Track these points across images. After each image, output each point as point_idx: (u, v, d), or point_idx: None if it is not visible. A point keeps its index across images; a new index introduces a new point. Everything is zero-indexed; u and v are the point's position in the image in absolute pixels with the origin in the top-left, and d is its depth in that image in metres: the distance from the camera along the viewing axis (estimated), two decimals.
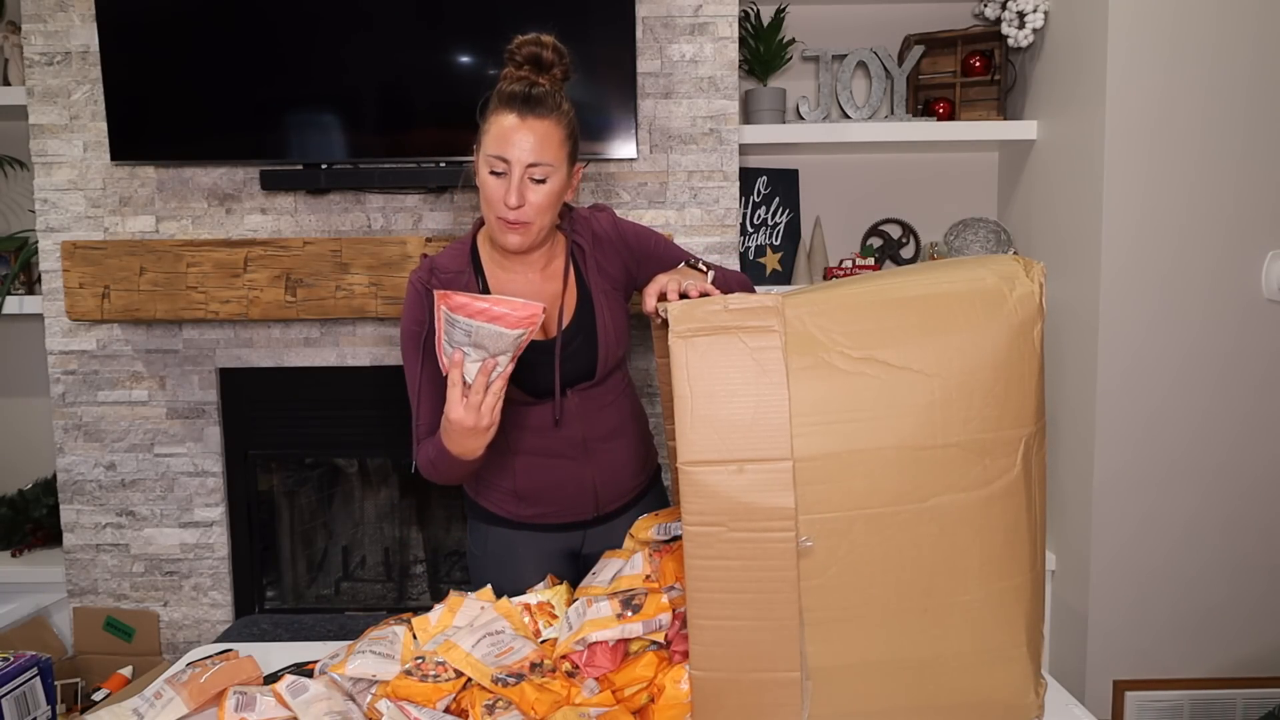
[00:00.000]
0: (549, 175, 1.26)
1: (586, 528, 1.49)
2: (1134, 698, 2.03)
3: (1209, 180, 1.90)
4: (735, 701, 0.97)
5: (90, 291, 1.97)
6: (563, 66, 1.30)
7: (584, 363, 1.39)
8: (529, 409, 1.39)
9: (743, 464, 0.92)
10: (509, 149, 1.24)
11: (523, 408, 1.39)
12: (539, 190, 1.26)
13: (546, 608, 1.23)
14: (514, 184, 1.24)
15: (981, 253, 2.30)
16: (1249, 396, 1.96)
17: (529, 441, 1.42)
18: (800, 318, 0.96)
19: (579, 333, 1.37)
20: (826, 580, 0.94)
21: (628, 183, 2.12)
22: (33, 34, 2.06)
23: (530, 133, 1.24)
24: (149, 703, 1.11)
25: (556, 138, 1.26)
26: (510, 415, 1.40)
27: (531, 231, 1.29)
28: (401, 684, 1.06)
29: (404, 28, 2.00)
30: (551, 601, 1.24)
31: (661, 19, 2.08)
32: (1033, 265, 1.00)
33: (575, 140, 1.31)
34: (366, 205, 2.13)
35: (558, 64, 1.29)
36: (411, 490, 2.43)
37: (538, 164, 1.24)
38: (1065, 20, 2.08)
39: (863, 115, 2.32)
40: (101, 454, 2.18)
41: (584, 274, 1.39)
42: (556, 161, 1.26)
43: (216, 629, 2.23)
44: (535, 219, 1.28)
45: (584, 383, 1.40)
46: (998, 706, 1.01)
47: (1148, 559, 2.00)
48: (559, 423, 1.39)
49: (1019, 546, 0.99)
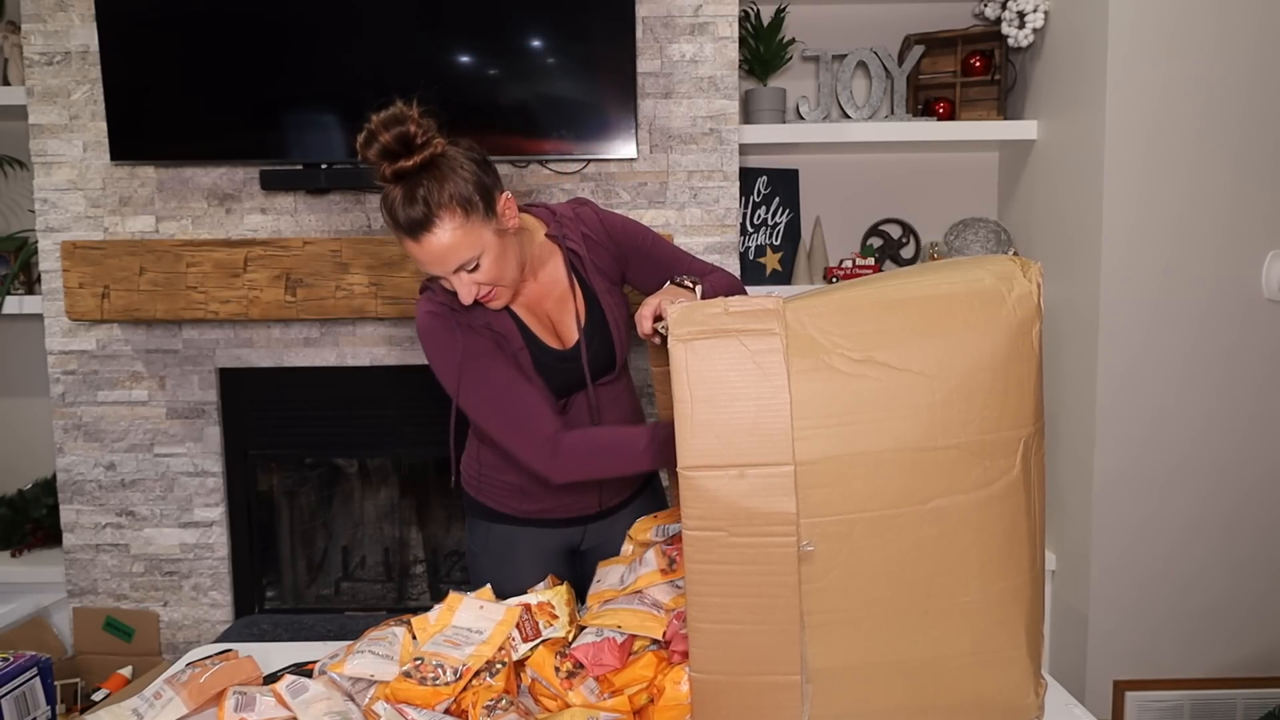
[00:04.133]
0: (478, 259, 1.23)
1: (588, 523, 1.50)
2: (1134, 698, 2.03)
3: (1209, 180, 1.90)
4: (735, 703, 0.97)
5: (90, 291, 1.97)
6: (427, 128, 1.21)
7: (604, 359, 1.40)
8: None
9: (744, 468, 0.92)
10: (430, 268, 1.23)
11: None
12: (482, 272, 1.24)
13: (547, 608, 1.24)
14: (459, 285, 1.23)
15: (982, 253, 2.30)
16: (1249, 396, 1.96)
17: None
18: (801, 320, 0.96)
19: (595, 333, 1.38)
20: (827, 583, 0.94)
21: (628, 183, 2.12)
22: (33, 34, 2.06)
23: (434, 249, 1.19)
24: (149, 703, 1.12)
25: (460, 231, 1.19)
26: None
27: (505, 293, 1.30)
28: (400, 687, 1.06)
29: (404, 28, 1.99)
30: (552, 602, 1.24)
31: (661, 19, 2.08)
32: (1030, 265, 1.00)
33: (480, 196, 1.21)
34: (366, 205, 2.13)
35: (424, 130, 1.20)
36: (411, 490, 2.43)
37: (460, 265, 1.21)
38: (1065, 20, 2.08)
39: (863, 115, 2.32)
40: (101, 454, 2.18)
41: (586, 278, 1.39)
42: (475, 247, 1.21)
43: (216, 629, 2.23)
44: (497, 284, 1.27)
45: (605, 376, 1.42)
46: (998, 707, 1.01)
47: (1148, 559, 2.00)
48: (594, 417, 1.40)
49: (1018, 547, 0.99)
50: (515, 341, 1.34)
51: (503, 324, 1.34)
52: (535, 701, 1.14)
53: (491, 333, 1.32)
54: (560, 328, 1.38)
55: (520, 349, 1.34)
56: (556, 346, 1.37)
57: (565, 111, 2.02)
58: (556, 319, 1.38)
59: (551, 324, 1.39)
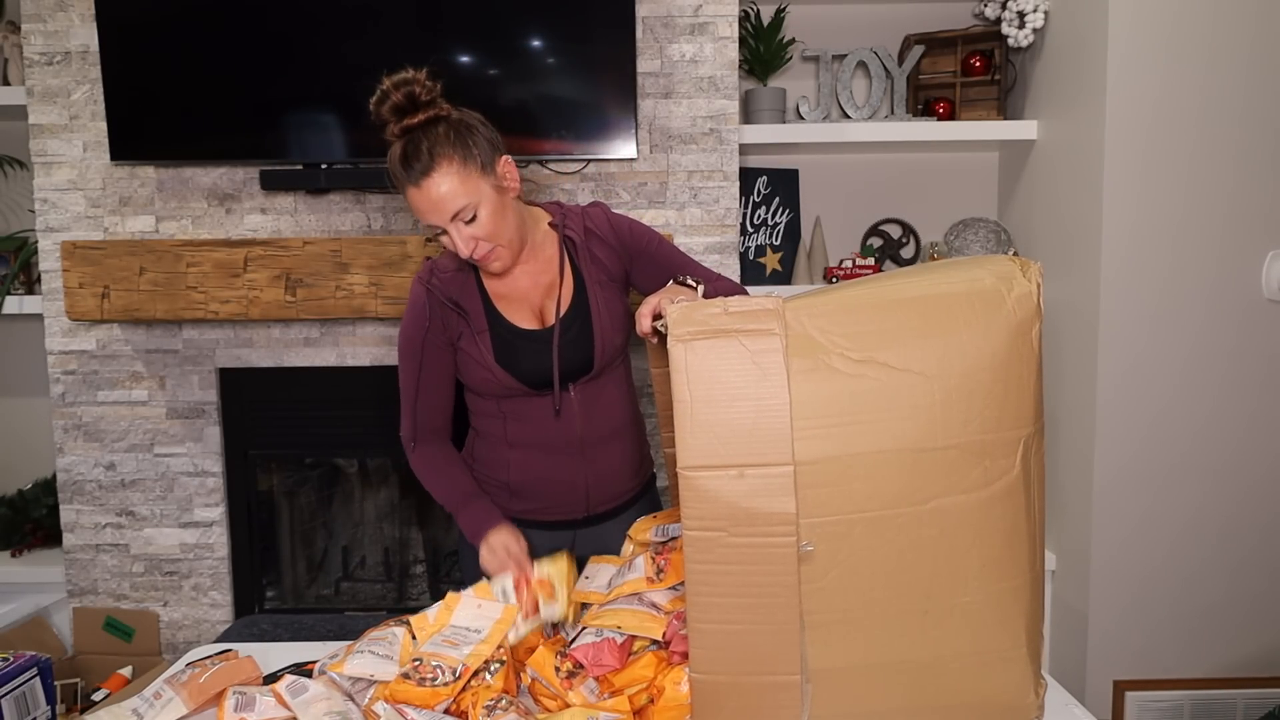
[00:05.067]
0: (476, 209, 1.28)
1: (577, 528, 1.50)
2: (1134, 698, 2.03)
3: (1209, 180, 1.90)
4: (735, 704, 0.97)
5: (90, 291, 1.97)
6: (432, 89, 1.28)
7: (582, 353, 1.40)
8: (530, 400, 1.41)
9: (743, 469, 0.92)
10: (429, 217, 1.28)
11: (523, 399, 1.41)
12: (479, 225, 1.29)
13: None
14: (457, 238, 1.29)
15: (982, 253, 2.30)
16: (1249, 396, 1.96)
17: (527, 435, 1.43)
18: (800, 320, 0.96)
19: (575, 321, 1.39)
20: (827, 583, 0.94)
21: (628, 183, 2.12)
22: (33, 34, 2.06)
23: (433, 194, 1.25)
24: (149, 703, 1.12)
25: (457, 178, 1.25)
26: (511, 407, 1.42)
27: (503, 253, 1.34)
28: (400, 688, 1.06)
29: (404, 27, 1.99)
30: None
31: (661, 19, 2.08)
32: (1029, 265, 1.00)
33: (479, 151, 1.28)
34: (366, 205, 2.13)
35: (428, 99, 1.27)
36: (411, 490, 2.43)
37: (458, 212, 1.27)
38: (1065, 20, 2.08)
39: (863, 115, 2.31)
40: (101, 454, 2.18)
41: (578, 264, 1.41)
42: (473, 195, 1.27)
43: (216, 629, 2.23)
44: (496, 242, 1.31)
45: (583, 376, 1.42)
46: (998, 707, 1.01)
47: (1148, 559, 2.00)
48: (559, 414, 1.40)
49: (1018, 547, 0.99)
50: (478, 322, 1.38)
51: (471, 302, 1.38)
52: (535, 701, 1.14)
53: (457, 310, 1.38)
54: (545, 313, 1.41)
55: (481, 331, 1.38)
56: (533, 327, 1.39)
57: (565, 111, 2.02)
58: (543, 305, 1.41)
59: (539, 311, 1.41)
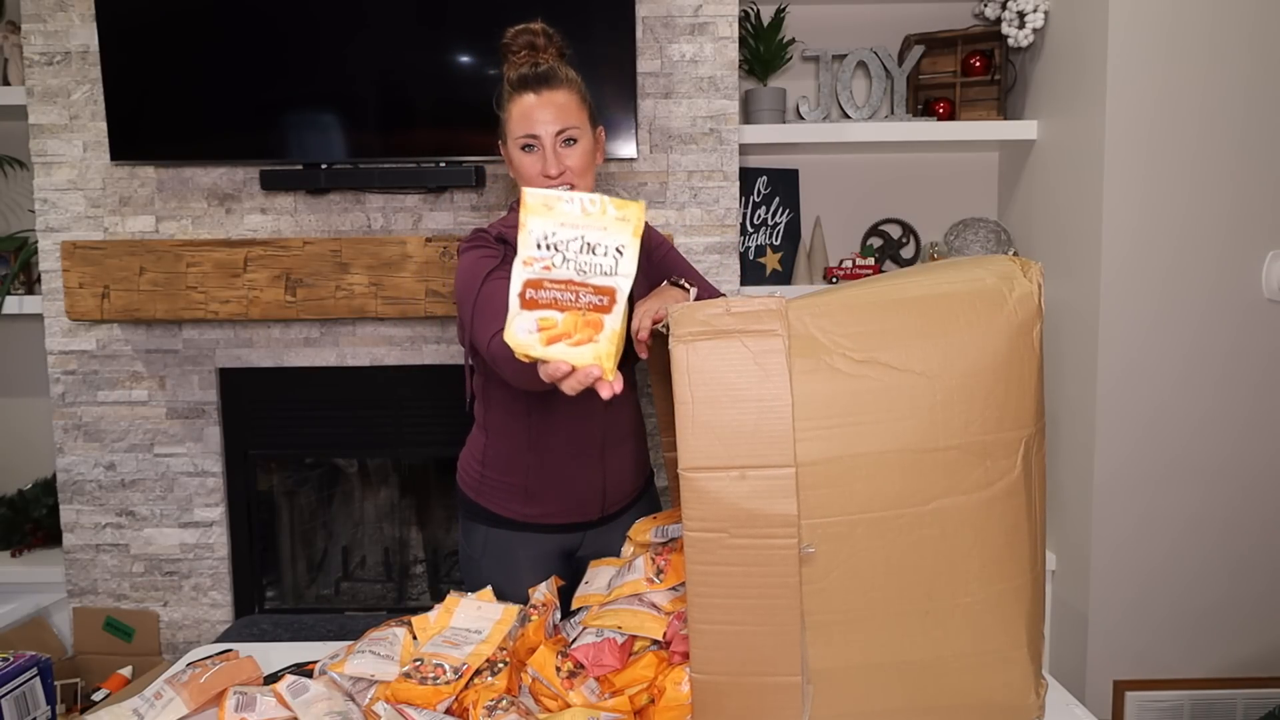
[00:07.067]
0: (578, 135, 1.33)
1: (588, 529, 1.50)
2: (1134, 698, 2.03)
3: (1209, 180, 1.90)
4: (736, 704, 0.97)
5: (90, 291, 1.97)
6: (556, 46, 1.36)
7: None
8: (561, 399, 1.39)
9: (745, 470, 0.92)
10: (535, 125, 1.31)
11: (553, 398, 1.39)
12: (572, 153, 1.33)
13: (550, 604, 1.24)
14: (549, 154, 1.32)
15: (982, 253, 2.30)
16: (1249, 396, 1.96)
17: (550, 436, 1.43)
18: (803, 320, 0.95)
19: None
20: (828, 584, 0.94)
21: (628, 183, 2.12)
22: (33, 34, 2.06)
23: (550, 104, 1.30)
24: (149, 703, 1.11)
25: (574, 102, 1.33)
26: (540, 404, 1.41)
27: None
28: (401, 687, 1.06)
29: (404, 27, 1.99)
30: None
31: (661, 19, 2.08)
32: (1030, 265, 1.00)
33: (591, 105, 1.38)
34: (366, 205, 2.12)
35: (551, 45, 1.36)
36: (411, 490, 2.43)
37: (565, 129, 1.31)
38: (1065, 20, 2.08)
39: (863, 115, 2.31)
40: (101, 454, 2.18)
41: None
42: (580, 123, 1.33)
43: (216, 629, 2.23)
44: (577, 181, 1.34)
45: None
46: (998, 707, 1.01)
47: (1147, 558, 2.00)
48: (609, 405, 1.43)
49: (1019, 548, 0.99)
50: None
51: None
52: (536, 701, 1.14)
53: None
54: None
55: None
56: None
57: None
58: None
59: None
